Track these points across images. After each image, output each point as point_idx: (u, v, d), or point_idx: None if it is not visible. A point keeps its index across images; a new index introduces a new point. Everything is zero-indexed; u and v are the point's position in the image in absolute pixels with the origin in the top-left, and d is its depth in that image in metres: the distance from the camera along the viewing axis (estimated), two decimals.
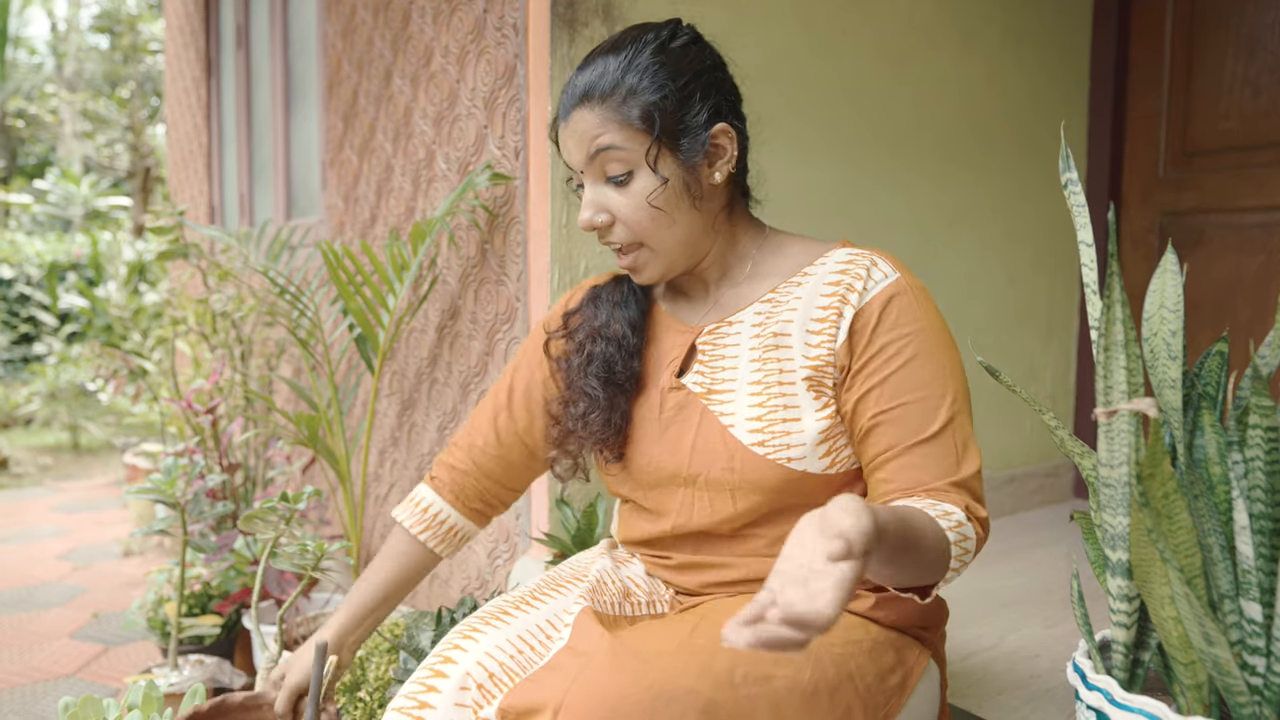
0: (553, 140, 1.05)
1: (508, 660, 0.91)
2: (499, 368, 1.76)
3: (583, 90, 0.97)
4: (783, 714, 0.84)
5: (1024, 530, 2.24)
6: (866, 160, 2.03)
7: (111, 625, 2.42)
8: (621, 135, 0.95)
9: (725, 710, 0.80)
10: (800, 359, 0.97)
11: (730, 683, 0.82)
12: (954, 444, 0.92)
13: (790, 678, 0.86)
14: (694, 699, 0.79)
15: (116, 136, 10.73)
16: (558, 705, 0.79)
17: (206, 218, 3.96)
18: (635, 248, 1.00)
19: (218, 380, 2.26)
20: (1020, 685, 1.37)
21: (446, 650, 0.93)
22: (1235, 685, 0.75)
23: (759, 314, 1.02)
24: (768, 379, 0.98)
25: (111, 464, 4.93)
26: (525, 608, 0.99)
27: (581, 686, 0.79)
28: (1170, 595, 0.74)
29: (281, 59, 3.02)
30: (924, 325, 0.94)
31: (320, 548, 1.47)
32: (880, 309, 0.94)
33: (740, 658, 0.85)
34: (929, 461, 0.91)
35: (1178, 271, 0.83)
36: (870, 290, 0.95)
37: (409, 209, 2.10)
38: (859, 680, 0.90)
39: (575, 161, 0.99)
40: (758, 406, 0.97)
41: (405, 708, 0.90)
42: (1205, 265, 2.34)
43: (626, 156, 0.95)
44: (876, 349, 0.94)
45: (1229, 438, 0.79)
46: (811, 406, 0.96)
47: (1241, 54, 2.25)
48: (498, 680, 0.90)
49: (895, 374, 0.93)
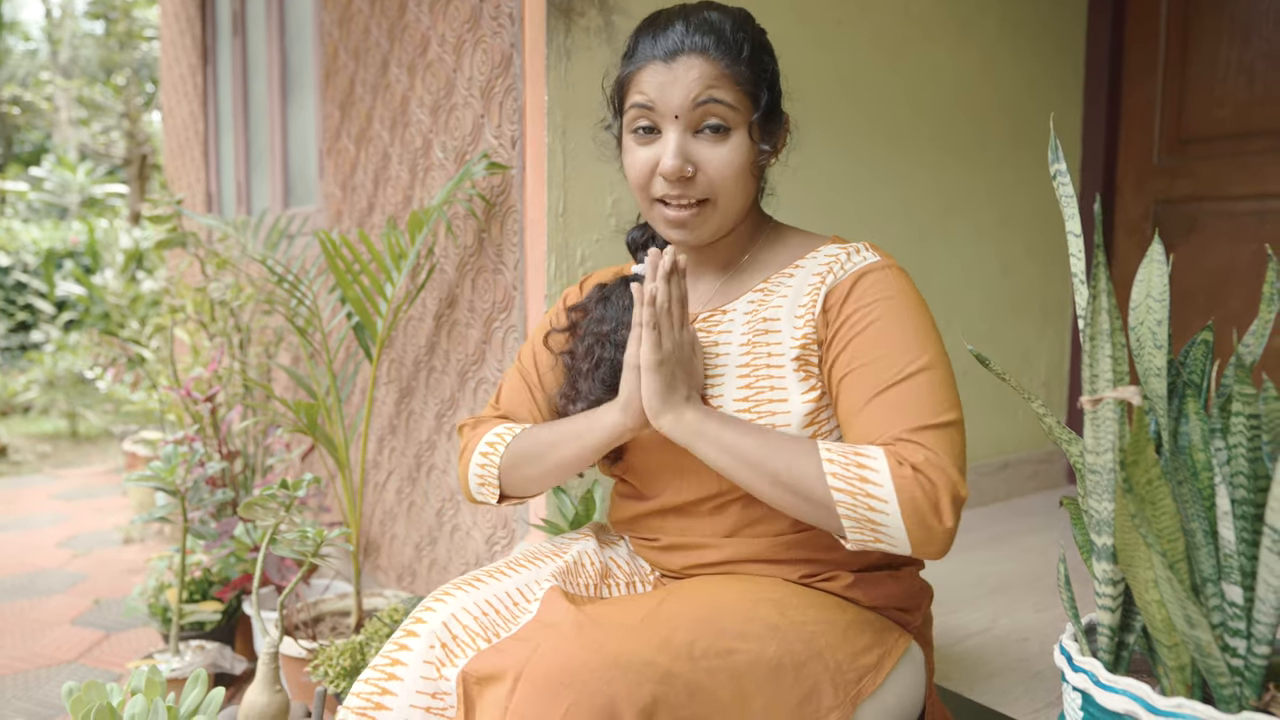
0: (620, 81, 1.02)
1: (471, 622, 0.93)
2: (496, 356, 1.78)
3: (700, 35, 0.96)
4: (744, 687, 0.85)
5: (1017, 516, 2.26)
6: (863, 150, 2.03)
7: (112, 612, 2.44)
8: (734, 94, 0.97)
9: (683, 681, 0.82)
10: (788, 341, 0.99)
11: (690, 655, 0.84)
12: (914, 394, 0.89)
13: (754, 652, 0.88)
14: (651, 670, 0.81)
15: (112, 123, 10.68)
16: (518, 673, 0.81)
17: (204, 206, 3.96)
18: (701, 205, 0.99)
19: (216, 368, 2.27)
20: (1011, 668, 1.39)
21: (419, 612, 0.96)
22: (1217, 666, 0.77)
23: (752, 303, 1.04)
24: (756, 362, 1.00)
25: (110, 451, 4.95)
26: (499, 575, 1.02)
27: (542, 655, 0.81)
28: (1154, 579, 0.76)
29: (278, 47, 3.01)
30: (892, 295, 0.95)
31: (320, 534, 1.49)
32: (852, 284, 0.97)
33: (702, 631, 0.87)
34: (884, 411, 0.90)
35: (1164, 261, 0.84)
36: (847, 270, 0.99)
37: (406, 198, 2.11)
38: (828, 657, 0.92)
39: (672, 105, 0.96)
40: (745, 389, 1.00)
41: (380, 665, 0.93)
42: (1199, 253, 2.36)
43: (731, 115, 0.97)
44: (844, 318, 0.96)
45: (1212, 425, 0.81)
46: (799, 388, 0.98)
47: (1236, 41, 2.25)
48: (460, 641, 0.92)
49: (859, 336, 0.94)
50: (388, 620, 1.57)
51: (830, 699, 0.90)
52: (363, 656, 1.50)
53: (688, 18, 0.98)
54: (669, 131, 0.97)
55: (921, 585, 1.09)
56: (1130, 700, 0.78)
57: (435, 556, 2.04)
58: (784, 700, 0.88)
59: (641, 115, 0.99)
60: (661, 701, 0.80)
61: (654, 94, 0.97)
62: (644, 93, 0.98)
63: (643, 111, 0.98)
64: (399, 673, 0.91)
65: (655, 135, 0.99)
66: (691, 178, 0.98)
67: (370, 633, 1.55)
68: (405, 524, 2.17)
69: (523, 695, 0.79)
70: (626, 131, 1.02)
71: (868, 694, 0.94)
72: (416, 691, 0.90)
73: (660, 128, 0.98)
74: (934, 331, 0.96)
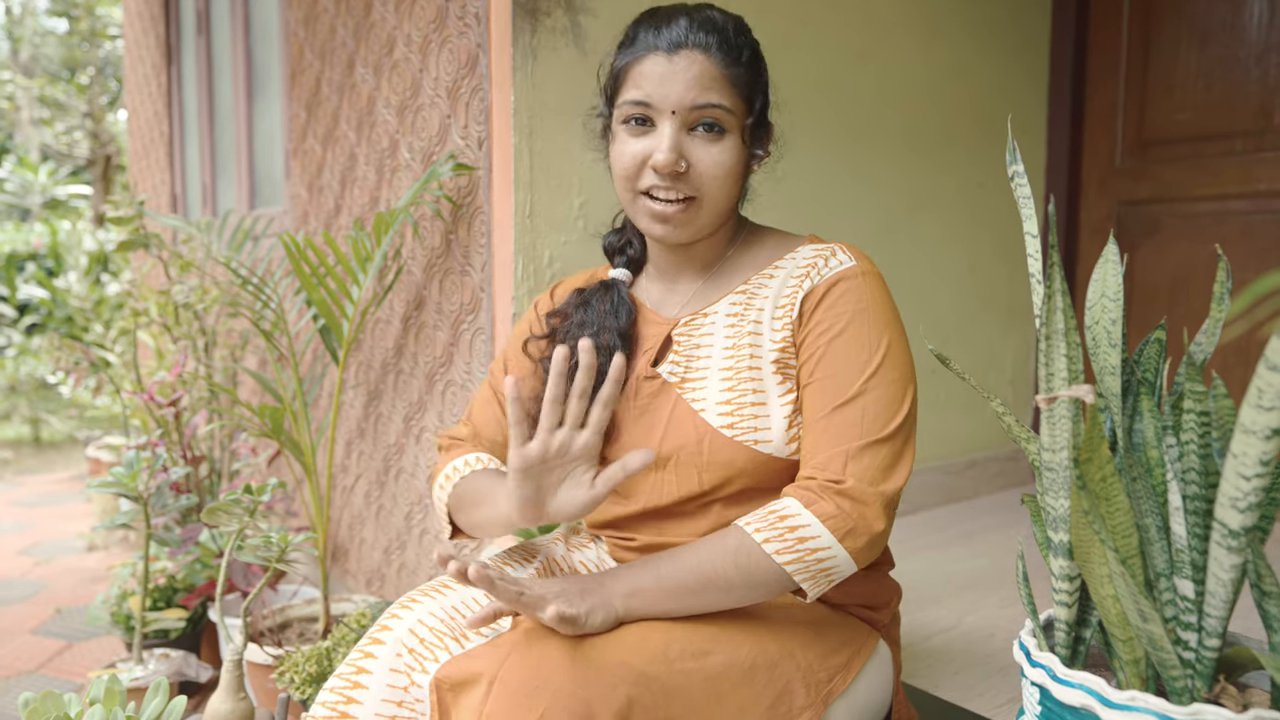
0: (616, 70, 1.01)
1: (439, 625, 0.93)
2: (464, 358, 1.77)
3: (704, 33, 0.97)
4: (718, 689, 0.86)
5: (985, 513, 2.29)
6: (831, 149, 2.05)
7: (74, 621, 2.39)
8: (730, 96, 0.97)
9: (658, 683, 0.82)
10: (769, 343, 1.00)
11: (665, 657, 0.84)
12: (861, 414, 0.93)
13: (728, 653, 0.88)
14: (626, 671, 0.81)
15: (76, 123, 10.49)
16: (493, 676, 0.80)
17: (169, 207, 3.90)
18: (688, 202, 0.99)
19: (180, 372, 2.24)
20: (976, 664, 1.41)
21: (384, 619, 0.95)
22: (1169, 659, 0.78)
23: (734, 304, 1.04)
24: (738, 365, 1.00)
25: (74, 458, 4.85)
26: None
27: (516, 660, 0.81)
28: (1108, 574, 0.77)
29: (243, 46, 2.97)
30: (864, 307, 0.97)
31: (284, 539, 1.47)
32: (826, 289, 0.98)
33: (676, 634, 0.88)
34: (834, 430, 0.93)
35: (1118, 261, 0.86)
36: (824, 274, 1.00)
37: (373, 199, 2.09)
38: (800, 657, 0.93)
39: (670, 99, 0.96)
40: (728, 392, 1.00)
41: (345, 674, 0.92)
42: (1161, 253, 2.40)
43: (726, 117, 0.98)
44: (814, 323, 0.98)
45: (1164, 422, 0.82)
46: (778, 392, 0.99)
47: (1194, 47, 2.30)
48: (429, 644, 0.91)
49: (822, 348, 0.96)
50: (355, 625, 1.56)
51: (802, 698, 0.91)
52: (329, 662, 1.49)
53: (691, 15, 0.99)
54: (664, 125, 0.97)
55: (890, 584, 1.10)
56: (1086, 694, 0.79)
57: (404, 560, 2.02)
58: (757, 700, 0.88)
59: (637, 107, 0.98)
60: (637, 703, 0.80)
61: (653, 86, 0.97)
62: (642, 85, 0.97)
63: (639, 105, 0.98)
64: (365, 680, 0.90)
65: (649, 128, 0.98)
66: (683, 174, 0.98)
67: (337, 638, 1.53)
68: (374, 528, 2.15)
69: (497, 700, 0.79)
70: (618, 122, 1.01)
71: (839, 693, 0.95)
72: (382, 700, 0.89)
73: (655, 121, 0.98)
74: (897, 343, 0.97)
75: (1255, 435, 0.67)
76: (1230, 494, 0.70)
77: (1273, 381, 0.64)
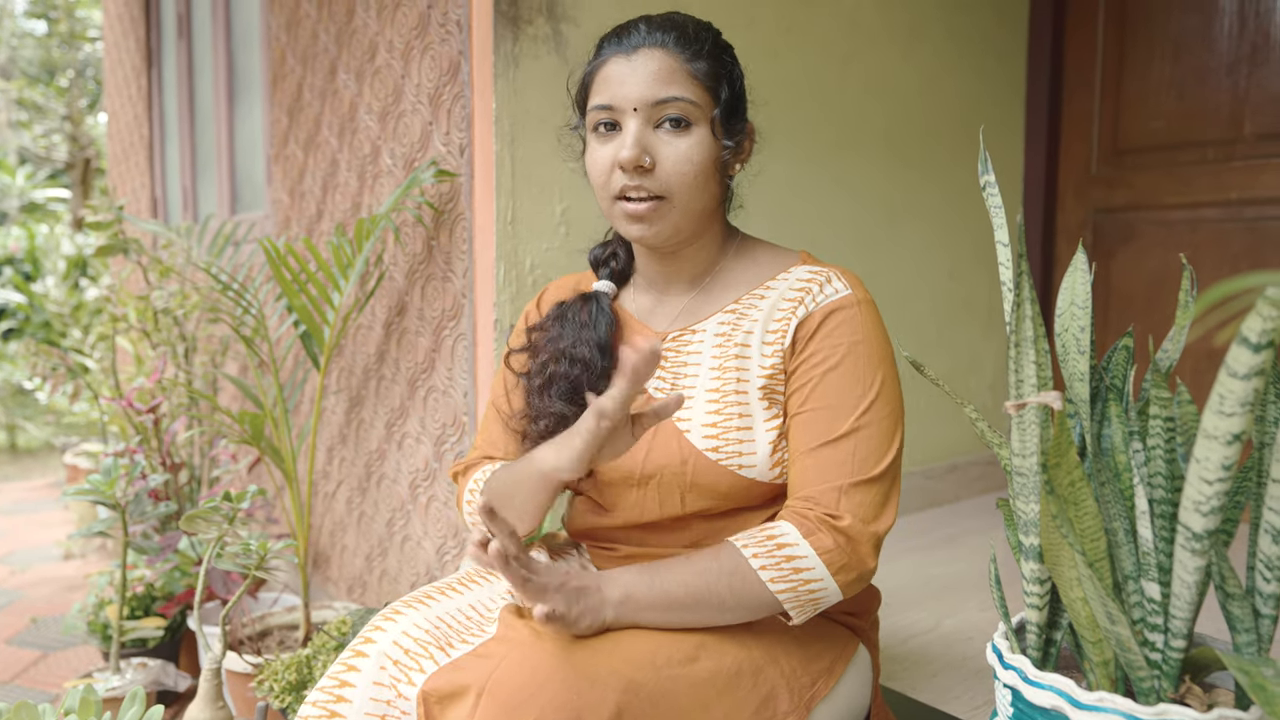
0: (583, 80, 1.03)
1: (423, 635, 0.92)
2: (446, 364, 1.77)
3: (661, 32, 0.98)
4: (704, 695, 0.87)
5: (965, 517, 2.31)
6: (812, 157, 2.07)
7: (51, 630, 2.37)
8: (693, 88, 0.97)
9: (646, 690, 0.83)
10: (756, 369, 1.00)
11: (652, 664, 0.85)
12: (851, 452, 0.93)
13: (714, 660, 0.89)
14: (615, 679, 0.81)
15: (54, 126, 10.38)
16: (481, 687, 0.80)
17: (149, 211, 3.87)
18: (657, 200, 0.98)
19: (160, 378, 2.22)
20: (954, 667, 1.42)
21: (368, 631, 0.95)
22: (1136, 661, 0.79)
23: (723, 324, 1.04)
24: (725, 388, 1.00)
25: (51, 465, 4.80)
26: (449, 593, 1.01)
27: (505, 670, 0.81)
28: (1077, 577, 0.79)
29: (224, 51, 2.96)
30: (858, 340, 0.96)
31: (263, 547, 1.47)
32: (821, 319, 0.98)
33: (663, 641, 0.88)
34: (823, 465, 0.93)
35: (1086, 270, 0.87)
36: (819, 302, 0.99)
37: (355, 204, 2.09)
38: (784, 663, 0.94)
39: (631, 97, 0.96)
40: (714, 414, 0.99)
41: (327, 687, 0.91)
42: (1136, 260, 2.43)
43: (690, 110, 0.97)
44: (808, 354, 0.97)
45: (1131, 427, 0.84)
46: (763, 416, 0.98)
47: (1168, 57, 2.34)
48: (415, 655, 0.90)
49: (816, 379, 0.96)
50: (335, 633, 1.55)
51: (786, 704, 0.92)
52: (309, 670, 1.48)
53: (650, 18, 1.00)
54: (629, 124, 0.97)
55: (871, 591, 1.11)
56: (1056, 695, 0.80)
57: (386, 567, 2.02)
58: (743, 706, 0.89)
59: (603, 112, 0.99)
60: (626, 711, 0.80)
61: (615, 88, 0.97)
62: (604, 90, 0.98)
63: (604, 110, 0.98)
64: (348, 694, 0.89)
65: (616, 132, 0.99)
66: (650, 170, 0.97)
67: (317, 646, 1.52)
68: (355, 535, 2.15)
69: (485, 712, 0.79)
70: (589, 131, 1.02)
71: (821, 697, 0.96)
72: (366, 713, 0.89)
73: (621, 123, 0.98)
74: (889, 377, 0.97)
75: (1217, 440, 0.68)
76: (1193, 498, 0.72)
77: (1233, 388, 0.66)
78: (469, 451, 1.21)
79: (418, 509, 1.89)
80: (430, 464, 1.83)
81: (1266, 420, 0.80)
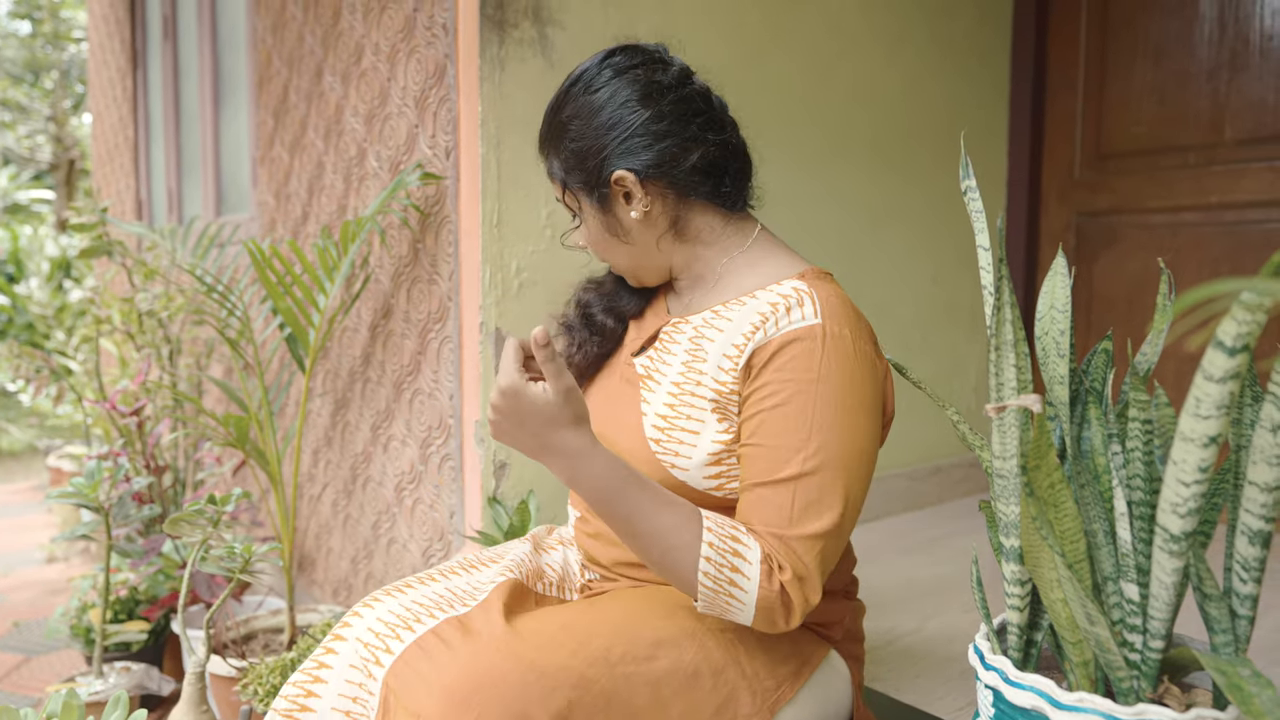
0: None
1: (395, 620, 0.93)
2: (432, 366, 1.76)
3: (538, 139, 1.09)
4: (661, 694, 0.87)
5: (949, 520, 2.32)
6: (796, 162, 2.07)
7: (33, 634, 2.35)
8: (556, 187, 1.07)
9: (599, 686, 0.83)
10: (711, 381, 0.98)
11: (606, 661, 0.85)
12: (791, 499, 0.88)
13: (672, 659, 0.89)
14: (566, 674, 0.82)
15: (39, 127, 10.29)
16: (433, 679, 0.82)
17: (134, 213, 3.85)
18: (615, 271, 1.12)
19: (144, 381, 2.21)
20: (937, 668, 1.43)
21: (347, 616, 0.97)
22: (1115, 661, 0.80)
23: (704, 323, 1.04)
24: (686, 386, 1.00)
25: (35, 467, 4.76)
26: (429, 580, 1.02)
27: (460, 666, 0.82)
28: (1057, 579, 0.79)
29: (210, 52, 2.95)
30: (815, 378, 0.90)
31: (248, 550, 1.46)
32: (777, 349, 0.92)
33: (619, 638, 0.88)
34: (763, 506, 0.89)
35: (1066, 274, 0.88)
36: (780, 329, 0.93)
37: (341, 207, 2.08)
38: (746, 664, 0.94)
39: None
40: (669, 408, 1.00)
41: (307, 668, 0.93)
42: (1119, 263, 2.46)
43: (572, 201, 1.07)
44: (759, 384, 0.93)
45: (1110, 430, 0.85)
46: (714, 426, 0.96)
47: (1149, 63, 2.36)
48: (384, 638, 0.92)
49: (762, 414, 0.91)
50: (320, 636, 1.55)
51: (748, 706, 0.92)
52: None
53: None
54: None
55: (842, 606, 1.08)
56: (1037, 696, 0.81)
57: (372, 570, 2.01)
58: (702, 706, 0.89)
59: None
60: (577, 706, 0.81)
61: None
62: None
63: None
64: (324, 675, 0.91)
65: None
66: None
67: (302, 649, 1.52)
68: (341, 537, 2.14)
69: (437, 702, 0.81)
70: None
71: (786, 700, 0.96)
72: (339, 694, 0.90)
73: None
74: (845, 421, 0.90)
75: (1194, 443, 0.69)
76: (1171, 500, 0.73)
77: (1209, 391, 0.67)
78: None
79: (403, 512, 1.88)
80: (416, 466, 1.83)
81: (1243, 423, 0.81)
